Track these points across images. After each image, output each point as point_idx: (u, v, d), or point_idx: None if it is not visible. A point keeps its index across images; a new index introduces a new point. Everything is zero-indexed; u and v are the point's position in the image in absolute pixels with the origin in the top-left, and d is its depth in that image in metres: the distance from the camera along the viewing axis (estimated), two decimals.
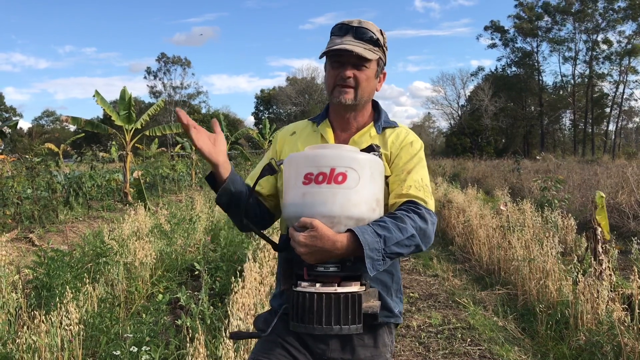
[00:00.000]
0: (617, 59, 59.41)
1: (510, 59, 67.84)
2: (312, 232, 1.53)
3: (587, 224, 6.15)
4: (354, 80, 1.81)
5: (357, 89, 1.82)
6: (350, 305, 1.55)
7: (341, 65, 1.81)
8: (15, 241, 8.08)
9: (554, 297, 5.00)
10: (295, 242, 1.54)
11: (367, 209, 1.60)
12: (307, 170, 1.58)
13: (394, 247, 1.58)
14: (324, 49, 1.84)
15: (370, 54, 1.79)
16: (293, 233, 1.56)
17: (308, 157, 1.62)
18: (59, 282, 4.64)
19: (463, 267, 7.41)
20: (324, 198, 1.57)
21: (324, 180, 1.57)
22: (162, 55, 78.60)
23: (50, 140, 32.24)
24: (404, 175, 1.81)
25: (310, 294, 1.55)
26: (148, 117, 15.48)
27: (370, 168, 1.62)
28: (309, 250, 1.53)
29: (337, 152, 1.62)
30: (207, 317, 4.30)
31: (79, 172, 14.74)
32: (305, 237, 1.52)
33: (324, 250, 1.53)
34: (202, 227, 8.83)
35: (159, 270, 6.20)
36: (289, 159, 1.68)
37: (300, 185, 1.59)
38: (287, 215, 1.66)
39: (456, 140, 63.04)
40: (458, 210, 9.80)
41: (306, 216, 1.55)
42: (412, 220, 1.65)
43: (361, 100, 1.86)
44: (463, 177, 23.70)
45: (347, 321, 1.55)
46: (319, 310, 1.54)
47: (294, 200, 1.61)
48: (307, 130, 2.00)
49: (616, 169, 16.79)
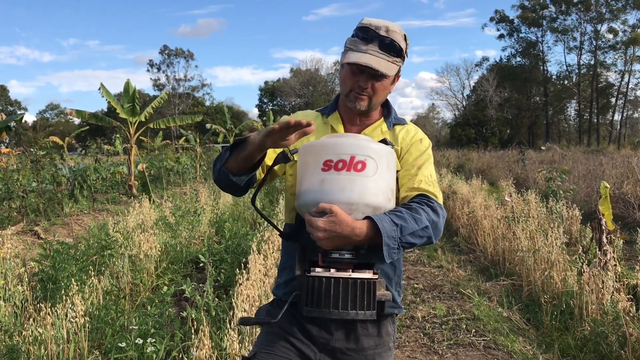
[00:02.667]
0: (622, 47, 59.06)
1: (515, 49, 67.60)
2: (331, 217, 1.53)
3: (592, 215, 6.14)
4: (371, 89, 1.81)
5: (373, 98, 1.84)
6: (365, 290, 1.56)
7: (361, 73, 1.80)
8: (21, 234, 8.11)
9: (558, 288, 4.99)
10: (314, 227, 1.53)
11: (384, 198, 1.63)
12: (327, 157, 1.58)
13: (409, 237, 1.61)
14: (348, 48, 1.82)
15: (392, 69, 1.79)
16: (311, 218, 1.55)
17: (328, 144, 1.62)
18: (65, 275, 4.65)
19: (467, 258, 7.40)
20: (343, 185, 1.57)
21: (343, 167, 1.58)
22: (164, 47, 78.57)
23: (54, 133, 32.31)
24: (414, 170, 1.85)
25: (327, 278, 1.56)
26: (152, 110, 15.46)
27: (387, 158, 1.64)
28: (327, 235, 1.53)
29: (357, 141, 1.63)
30: (212, 309, 4.31)
31: (83, 165, 14.75)
32: (325, 222, 1.52)
33: (343, 236, 1.54)
34: (207, 219, 8.86)
35: (163, 262, 6.22)
36: (306, 147, 1.67)
37: (319, 172, 1.59)
38: (304, 201, 1.64)
39: (461, 131, 62.89)
40: (463, 201, 9.79)
41: (325, 202, 1.56)
42: (426, 212, 1.69)
43: (374, 106, 1.88)
44: (468, 168, 23.69)
45: (363, 306, 1.56)
46: (336, 295, 1.54)
47: (312, 186, 1.60)
48: (317, 121, 1.99)
49: (621, 159, 16.73)
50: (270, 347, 1.83)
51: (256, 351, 1.84)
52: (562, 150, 26.97)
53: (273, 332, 1.87)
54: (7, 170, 10.54)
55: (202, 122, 32.80)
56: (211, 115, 59.65)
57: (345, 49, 1.84)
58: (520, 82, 64.08)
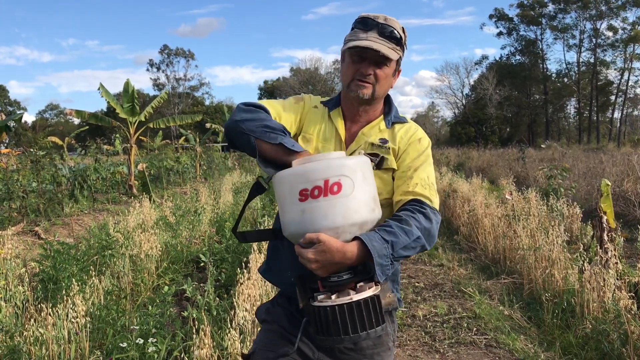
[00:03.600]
0: (621, 45, 59.03)
1: (515, 47, 67.54)
2: (320, 247, 1.52)
3: (592, 212, 6.14)
4: (374, 77, 1.81)
5: (375, 86, 1.83)
6: (371, 308, 1.55)
7: (362, 60, 1.80)
8: (21, 234, 8.11)
9: (559, 286, 4.99)
10: (305, 259, 1.53)
11: (367, 210, 1.60)
12: (301, 187, 1.54)
13: (401, 250, 1.61)
14: (347, 39, 1.83)
15: (393, 54, 1.80)
16: (301, 251, 1.55)
17: (298, 173, 1.57)
18: (65, 275, 4.65)
19: (468, 257, 7.40)
20: (324, 211, 1.54)
21: (320, 193, 1.54)
22: (164, 47, 78.51)
23: (54, 133, 32.34)
24: (410, 172, 1.83)
25: (331, 307, 1.54)
26: (152, 110, 15.45)
27: (361, 170, 1.61)
28: (320, 265, 1.53)
29: (326, 162, 1.58)
30: (213, 309, 4.31)
31: (83, 165, 14.75)
32: (314, 253, 1.52)
33: (335, 263, 1.54)
34: (207, 219, 8.86)
35: (164, 262, 6.21)
36: (278, 178, 1.62)
37: (296, 202, 1.55)
38: (290, 233, 1.61)
39: (460, 130, 62.84)
40: (463, 199, 9.78)
41: (310, 232, 1.54)
42: (417, 221, 1.68)
43: (378, 96, 1.87)
44: (468, 166, 23.69)
45: (372, 324, 1.54)
46: (343, 321, 1.53)
47: (293, 218, 1.57)
48: (320, 112, 1.98)
49: (622, 156, 16.71)
50: (270, 344, 1.84)
51: (255, 349, 1.85)
52: (562, 148, 26.97)
53: (272, 330, 1.88)
54: (7, 170, 10.54)
55: (202, 121, 32.86)
56: (211, 115, 59.69)
57: (345, 42, 1.85)
58: (519, 80, 64.04)
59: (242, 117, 1.73)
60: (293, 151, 1.63)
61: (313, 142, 1.93)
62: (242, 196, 11.29)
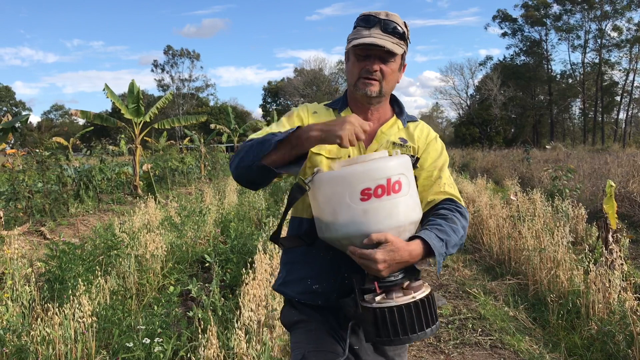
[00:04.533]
0: (626, 46, 58.85)
1: (519, 47, 67.41)
2: (389, 247, 1.52)
3: (597, 213, 6.12)
4: (380, 73, 1.80)
5: (382, 82, 1.82)
6: (432, 306, 1.58)
7: (367, 58, 1.79)
8: (27, 235, 8.14)
9: (565, 287, 4.98)
10: (371, 259, 1.51)
11: (419, 209, 1.66)
12: (364, 186, 1.53)
13: (451, 249, 1.65)
14: (351, 38, 1.82)
15: (398, 49, 1.78)
16: (366, 252, 1.52)
17: (359, 172, 1.54)
18: (71, 275, 4.67)
19: (473, 258, 7.39)
20: (389, 210, 1.54)
21: (383, 192, 1.53)
22: (168, 47, 78.70)
23: (59, 134, 32.40)
24: (437, 172, 1.88)
25: (397, 307, 1.54)
26: (157, 110, 15.50)
27: (410, 169, 1.66)
28: (387, 265, 1.52)
29: (386, 162, 1.58)
30: (218, 309, 4.32)
31: (88, 166, 14.78)
32: (384, 253, 1.51)
33: (402, 262, 1.54)
34: (212, 219, 8.87)
35: (169, 262, 6.23)
36: (329, 179, 1.59)
37: (358, 202, 1.53)
38: (345, 234, 1.57)
39: (465, 130, 62.77)
40: (468, 200, 9.77)
41: (372, 232, 1.53)
42: (459, 220, 1.75)
43: (385, 92, 1.86)
44: (472, 167, 23.65)
45: (433, 320, 1.57)
46: (410, 320, 1.54)
47: (354, 218, 1.54)
48: (330, 116, 1.94)
49: (627, 157, 16.68)
50: (320, 345, 1.82)
51: (304, 353, 1.80)
52: (567, 149, 26.91)
53: (315, 330, 1.86)
54: (13, 171, 10.58)
55: (207, 122, 32.91)
56: (215, 116, 59.71)
57: (348, 41, 1.84)
58: (524, 81, 63.92)
59: (236, 162, 1.68)
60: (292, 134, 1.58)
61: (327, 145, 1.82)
62: (246, 197, 11.28)
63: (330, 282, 1.83)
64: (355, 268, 1.67)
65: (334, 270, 1.82)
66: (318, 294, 1.84)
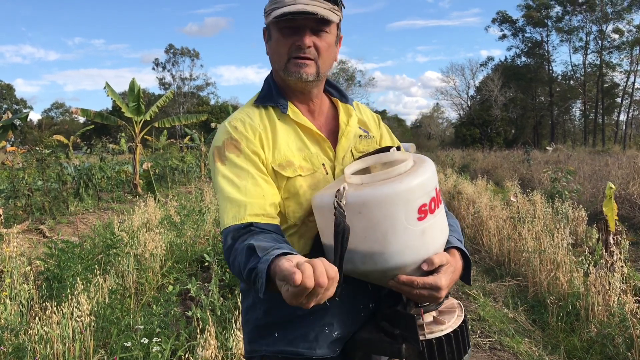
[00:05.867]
0: (627, 48, 58.81)
1: (520, 49, 67.37)
2: (449, 268, 1.31)
3: (598, 215, 6.11)
4: (315, 49, 1.43)
5: (318, 61, 1.44)
6: (468, 327, 1.41)
7: (295, 32, 1.40)
8: (26, 233, 8.13)
9: (564, 289, 4.97)
10: (436, 287, 1.26)
11: None
12: (421, 202, 1.24)
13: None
14: (270, 9, 1.43)
15: (333, 16, 1.41)
16: (428, 280, 1.26)
17: (416, 186, 1.23)
18: (70, 274, 4.67)
19: (473, 259, 7.36)
20: (441, 225, 1.32)
21: (435, 206, 1.28)
22: (170, 46, 78.66)
23: (59, 132, 32.43)
24: None
25: (454, 332, 1.33)
26: (157, 109, 15.50)
27: None
28: (449, 288, 1.30)
29: (430, 165, 1.32)
30: (217, 309, 4.31)
31: (88, 164, 14.81)
32: (446, 277, 1.28)
33: (455, 281, 1.34)
34: (212, 218, 8.85)
35: (169, 261, 6.22)
36: (380, 200, 1.22)
37: (415, 223, 1.24)
38: (400, 263, 1.26)
39: (465, 131, 62.74)
40: (468, 201, 9.76)
41: (429, 254, 1.28)
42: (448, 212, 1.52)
43: (323, 73, 1.48)
44: (472, 168, 23.64)
45: (468, 344, 1.39)
46: (462, 341, 1.35)
47: (412, 242, 1.25)
48: (273, 121, 1.50)
49: (627, 159, 16.67)
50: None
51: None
52: (568, 151, 26.90)
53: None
54: (12, 168, 10.58)
55: (207, 121, 32.84)
56: (216, 115, 59.67)
57: (266, 13, 1.47)
58: (525, 82, 63.86)
59: (228, 263, 1.32)
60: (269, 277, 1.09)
61: (294, 161, 1.45)
62: None
63: (349, 321, 1.48)
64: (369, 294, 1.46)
65: (352, 303, 1.48)
66: (339, 340, 1.48)
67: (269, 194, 1.38)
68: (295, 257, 1.03)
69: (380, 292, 1.48)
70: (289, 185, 1.43)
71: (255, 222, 1.32)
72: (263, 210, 1.35)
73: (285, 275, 0.94)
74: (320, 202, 1.33)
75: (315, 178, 1.46)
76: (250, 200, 1.35)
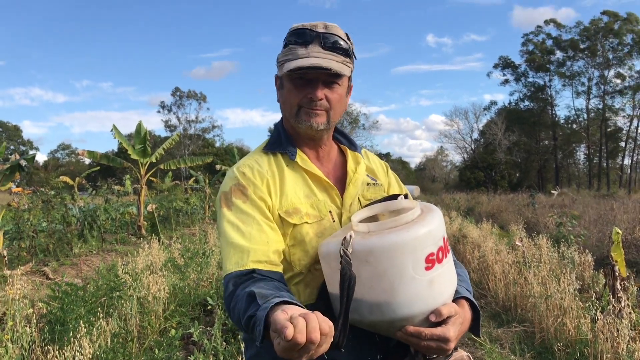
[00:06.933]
0: (629, 93, 59.32)
1: (523, 93, 68.04)
2: (458, 319, 1.28)
3: (604, 260, 6.07)
4: (327, 101, 1.47)
5: (330, 112, 1.48)
6: None
7: (307, 84, 1.44)
8: (30, 274, 8.11)
9: (572, 335, 4.90)
10: (445, 339, 1.24)
11: None
12: (428, 251, 1.22)
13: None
14: (283, 60, 1.47)
15: (345, 69, 1.46)
16: (436, 332, 1.24)
17: (424, 234, 1.22)
18: (73, 317, 4.63)
19: (479, 304, 7.27)
20: (449, 275, 1.30)
21: (443, 255, 1.26)
22: (176, 89, 79.73)
23: (65, 173, 32.57)
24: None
25: None
26: (163, 151, 15.65)
27: None
28: (457, 341, 1.29)
29: (438, 213, 1.31)
30: (220, 354, 4.26)
31: (93, 205, 14.85)
32: (455, 328, 1.27)
33: (463, 332, 1.33)
34: (215, 261, 8.81)
35: (172, 304, 6.17)
36: (387, 246, 1.20)
37: (423, 273, 1.21)
38: (408, 314, 1.24)
39: (470, 174, 62.82)
40: (473, 245, 9.71)
41: (438, 305, 1.25)
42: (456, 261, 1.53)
43: (333, 124, 1.53)
44: (477, 211, 23.58)
45: None
46: None
47: (420, 293, 1.22)
48: (282, 168, 1.52)
49: (633, 204, 16.65)
50: None
51: None
52: (573, 194, 26.85)
53: None
54: (18, 210, 10.61)
55: (212, 163, 33.04)
56: (221, 156, 60.09)
57: (279, 63, 1.49)
58: (528, 126, 64.27)
59: (227, 310, 1.33)
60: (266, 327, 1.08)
61: (301, 208, 1.46)
62: None
63: None
64: (376, 345, 1.42)
65: (358, 355, 1.43)
66: None
67: (273, 241, 1.38)
68: (292, 308, 1.02)
69: (387, 344, 1.45)
70: (295, 233, 1.43)
71: (258, 269, 1.32)
72: (266, 257, 1.35)
73: (278, 329, 0.94)
74: (327, 250, 1.32)
75: (322, 225, 1.46)
76: (254, 246, 1.35)
